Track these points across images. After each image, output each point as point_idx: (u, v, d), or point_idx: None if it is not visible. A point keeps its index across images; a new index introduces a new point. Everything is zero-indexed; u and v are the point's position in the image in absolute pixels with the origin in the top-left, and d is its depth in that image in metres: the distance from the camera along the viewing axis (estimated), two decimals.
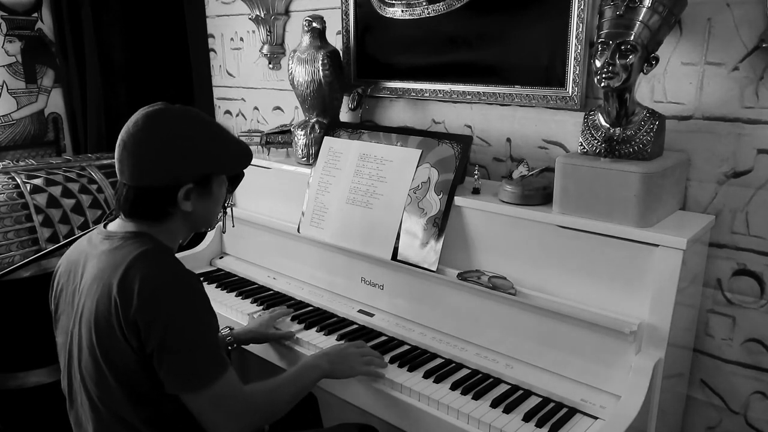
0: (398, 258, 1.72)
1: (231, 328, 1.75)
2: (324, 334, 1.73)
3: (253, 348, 1.80)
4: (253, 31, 2.54)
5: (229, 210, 1.49)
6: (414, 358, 1.60)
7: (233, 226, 1.84)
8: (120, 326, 1.16)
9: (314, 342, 1.68)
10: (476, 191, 1.68)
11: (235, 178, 1.40)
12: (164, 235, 1.28)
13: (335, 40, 2.17)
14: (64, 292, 1.32)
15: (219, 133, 1.31)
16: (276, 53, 2.47)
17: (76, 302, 1.26)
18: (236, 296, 2.02)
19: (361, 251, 1.80)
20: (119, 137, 1.25)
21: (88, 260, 1.27)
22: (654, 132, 1.43)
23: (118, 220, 1.31)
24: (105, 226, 1.32)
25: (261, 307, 1.94)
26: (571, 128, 1.72)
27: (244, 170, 1.40)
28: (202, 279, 2.14)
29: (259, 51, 2.50)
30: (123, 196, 1.25)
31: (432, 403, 1.43)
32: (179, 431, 1.25)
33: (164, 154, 1.22)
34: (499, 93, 1.83)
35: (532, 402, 1.42)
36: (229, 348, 1.68)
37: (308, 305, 1.93)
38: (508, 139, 1.87)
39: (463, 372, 1.55)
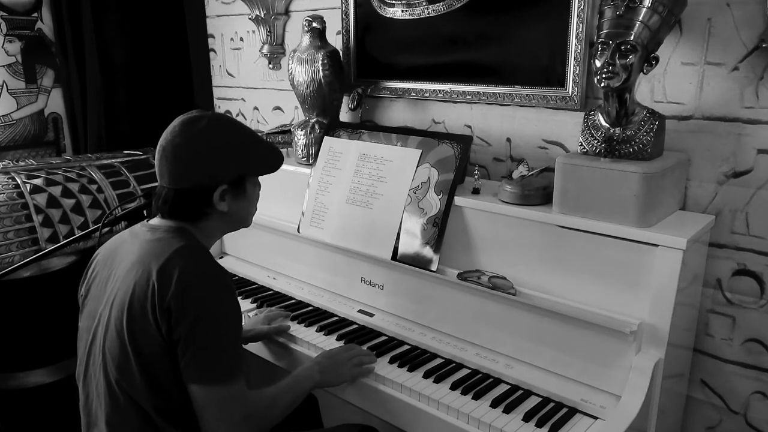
0: (398, 258, 1.72)
1: None
2: (324, 334, 1.73)
3: (254, 348, 1.80)
4: (253, 31, 2.54)
5: None
6: (414, 358, 1.60)
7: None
8: (153, 310, 1.20)
9: (314, 342, 1.68)
10: (476, 191, 1.68)
11: None
12: (201, 234, 1.36)
13: (335, 40, 2.17)
14: (98, 278, 1.37)
15: (250, 136, 1.40)
16: (276, 53, 2.47)
17: (110, 286, 1.31)
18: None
19: (361, 251, 1.80)
20: (159, 144, 1.33)
21: (129, 248, 1.33)
22: (654, 132, 1.43)
23: (156, 219, 1.38)
24: (148, 221, 1.39)
25: (255, 305, 1.95)
26: (571, 128, 1.72)
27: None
28: None
29: (259, 51, 2.50)
30: (162, 198, 1.33)
31: (432, 403, 1.43)
32: (188, 425, 1.26)
33: (200, 158, 1.30)
34: (499, 93, 1.83)
35: (532, 402, 1.42)
36: None
37: (308, 305, 1.93)
38: (508, 139, 1.87)
39: (463, 372, 1.54)
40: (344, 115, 2.22)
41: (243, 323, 1.79)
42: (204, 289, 1.22)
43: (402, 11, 2.00)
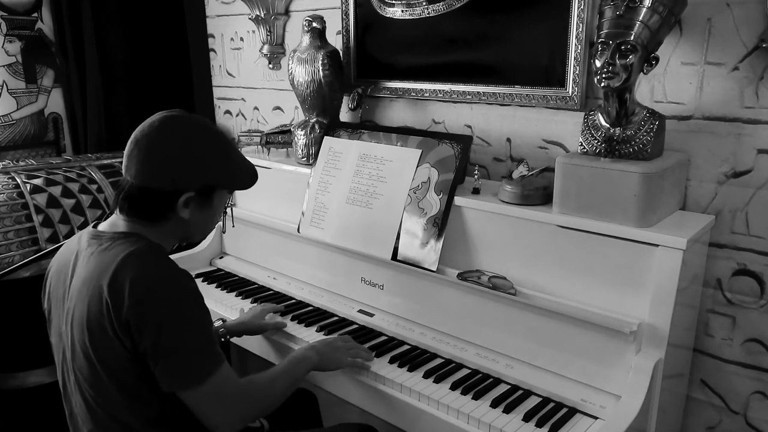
0: (398, 258, 1.72)
1: (223, 320, 1.76)
2: (324, 334, 1.73)
3: (254, 348, 1.80)
4: (253, 31, 2.54)
5: (229, 210, 1.49)
6: (414, 358, 1.60)
7: (233, 226, 1.84)
8: (113, 327, 1.16)
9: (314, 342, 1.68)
10: (476, 191, 1.68)
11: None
12: (156, 235, 1.29)
13: (335, 40, 2.17)
14: (54, 293, 1.33)
15: (229, 148, 1.33)
16: (276, 53, 2.47)
17: (66, 304, 1.26)
18: (236, 296, 2.02)
19: (361, 251, 1.80)
20: (133, 135, 1.26)
21: (78, 261, 1.27)
22: (654, 132, 1.43)
23: (108, 220, 1.32)
24: (95, 227, 1.32)
25: (248, 299, 1.95)
26: (571, 128, 1.72)
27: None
28: (202, 279, 2.14)
29: (259, 51, 2.50)
30: (124, 192, 1.26)
31: (432, 403, 1.43)
32: (176, 430, 1.25)
33: (173, 159, 1.24)
34: (499, 93, 1.83)
35: (532, 402, 1.42)
36: (222, 340, 1.69)
37: (308, 305, 1.93)
38: (508, 139, 1.87)
39: (463, 372, 1.55)
40: (344, 115, 2.21)
41: (239, 316, 1.80)
42: (158, 296, 1.16)
43: (402, 11, 1.99)
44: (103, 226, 1.31)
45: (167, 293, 1.18)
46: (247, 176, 1.37)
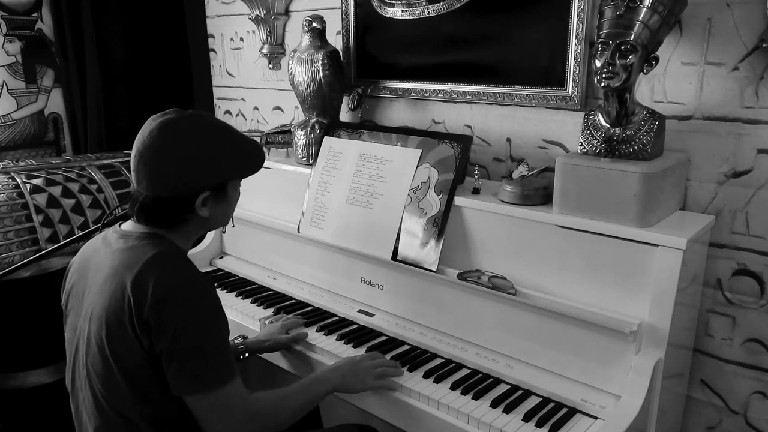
0: (398, 258, 1.72)
1: (244, 337, 1.72)
2: (324, 334, 1.73)
3: None
4: (253, 31, 2.54)
5: None
6: (414, 358, 1.60)
7: (233, 226, 1.83)
8: (132, 325, 1.17)
9: (314, 342, 1.68)
10: (476, 191, 1.68)
11: None
12: (178, 238, 1.31)
13: (335, 40, 2.17)
14: (75, 288, 1.34)
15: (232, 137, 1.32)
16: (276, 53, 2.47)
17: (87, 299, 1.28)
18: (236, 296, 2.02)
19: (361, 251, 1.80)
20: (134, 148, 1.25)
21: (102, 258, 1.29)
22: (654, 132, 1.43)
23: (129, 222, 1.33)
24: (120, 226, 1.34)
25: (262, 306, 1.94)
26: (571, 128, 1.72)
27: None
28: None
29: (259, 51, 2.50)
30: (139, 204, 1.26)
31: (432, 403, 1.43)
32: None
33: (180, 166, 1.23)
34: (499, 93, 1.83)
35: (532, 402, 1.42)
36: (241, 357, 1.66)
37: (308, 305, 1.93)
38: (508, 139, 1.87)
39: (463, 372, 1.55)
40: (344, 115, 2.22)
41: (258, 331, 1.78)
42: (181, 298, 1.18)
43: (402, 11, 2.00)
44: (127, 226, 1.33)
45: (189, 297, 1.20)
46: (253, 161, 1.36)
